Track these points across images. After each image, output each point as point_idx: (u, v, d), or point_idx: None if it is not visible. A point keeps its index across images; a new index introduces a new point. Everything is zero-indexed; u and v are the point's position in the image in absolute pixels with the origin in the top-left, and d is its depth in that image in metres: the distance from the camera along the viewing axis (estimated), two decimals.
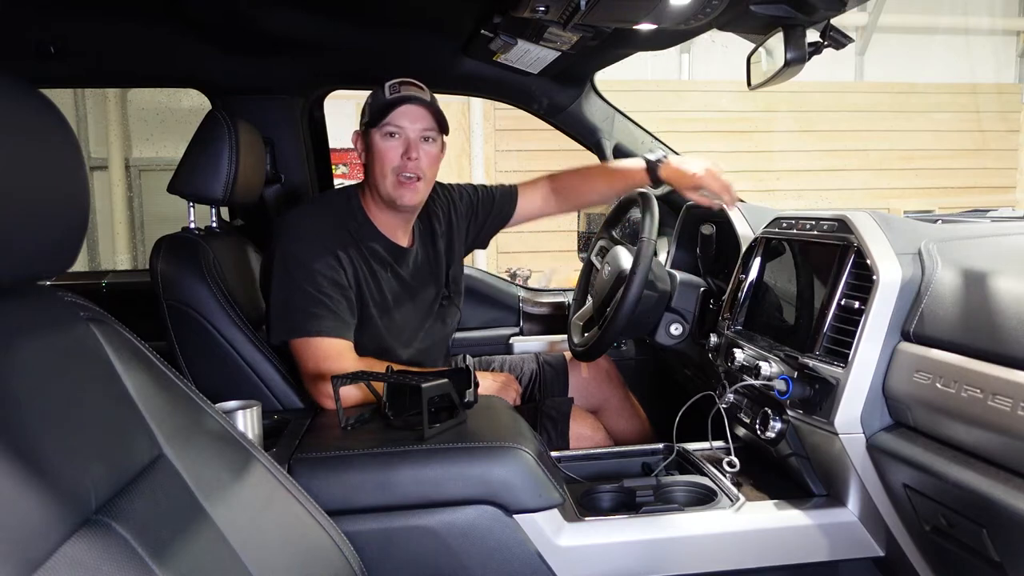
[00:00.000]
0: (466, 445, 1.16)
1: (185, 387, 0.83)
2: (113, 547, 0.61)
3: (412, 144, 1.48)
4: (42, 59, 1.68)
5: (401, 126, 1.48)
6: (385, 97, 1.48)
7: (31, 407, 0.62)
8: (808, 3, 1.16)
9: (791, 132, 5.59)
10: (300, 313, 1.41)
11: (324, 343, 1.40)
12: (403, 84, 1.50)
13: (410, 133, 1.48)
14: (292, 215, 1.51)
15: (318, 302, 1.41)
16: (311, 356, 1.40)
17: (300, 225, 1.48)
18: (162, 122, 4.82)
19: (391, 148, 1.48)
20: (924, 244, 1.11)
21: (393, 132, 1.48)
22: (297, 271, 1.42)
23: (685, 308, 1.58)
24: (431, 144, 1.51)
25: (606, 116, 1.99)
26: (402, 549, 1.11)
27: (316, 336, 1.40)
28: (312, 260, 1.43)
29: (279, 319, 1.43)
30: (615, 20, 1.29)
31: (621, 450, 1.51)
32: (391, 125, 1.47)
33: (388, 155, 1.48)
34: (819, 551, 1.20)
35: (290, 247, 1.44)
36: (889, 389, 1.06)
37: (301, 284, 1.41)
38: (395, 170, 1.48)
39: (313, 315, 1.40)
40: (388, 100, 1.47)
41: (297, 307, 1.41)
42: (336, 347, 1.40)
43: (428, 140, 1.50)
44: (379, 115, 1.47)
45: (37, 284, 0.73)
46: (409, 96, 1.48)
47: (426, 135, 1.50)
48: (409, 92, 1.49)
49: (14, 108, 0.63)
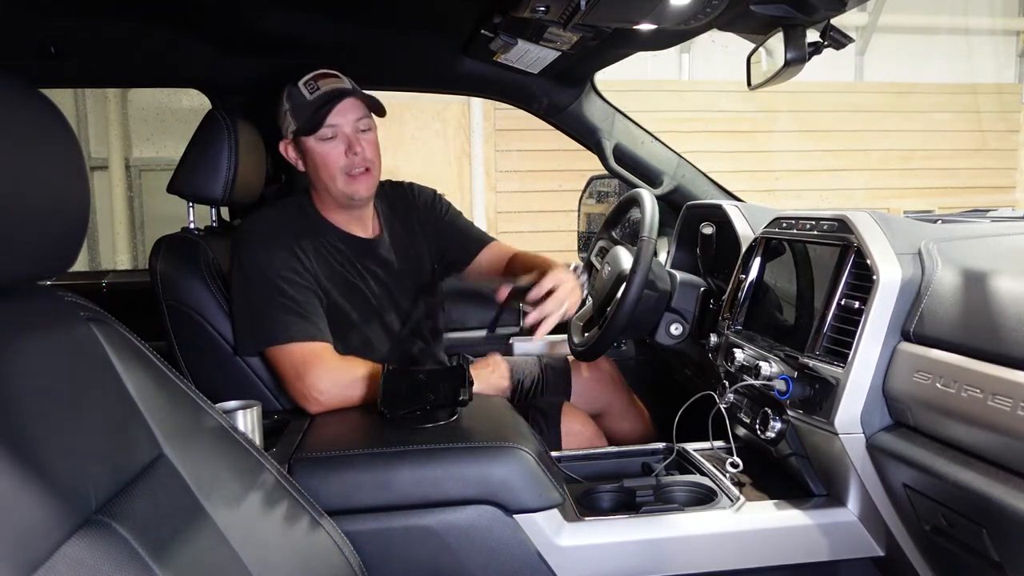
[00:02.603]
0: (466, 445, 1.16)
1: (185, 387, 0.83)
2: (113, 547, 0.61)
3: (352, 140, 1.45)
4: (42, 59, 1.67)
5: (336, 124, 1.43)
6: (307, 98, 1.42)
7: (31, 407, 0.62)
8: (808, 3, 1.15)
9: (791, 132, 5.59)
10: (267, 321, 1.36)
11: (299, 348, 1.35)
12: (320, 78, 1.45)
13: (346, 129, 1.44)
14: (245, 224, 1.47)
15: (285, 308, 1.36)
16: (288, 363, 1.35)
17: (253, 233, 1.43)
18: (162, 122, 4.82)
19: (332, 150, 1.44)
20: (924, 244, 1.11)
21: (330, 135, 1.44)
22: (258, 279, 1.38)
23: (685, 308, 1.58)
24: (369, 132, 1.48)
25: (606, 116, 1.99)
26: (402, 549, 1.11)
27: (289, 343, 1.35)
28: (272, 265, 1.38)
29: (247, 331, 1.39)
30: (615, 20, 1.29)
31: (621, 450, 1.51)
32: (326, 128, 1.42)
33: (331, 158, 1.44)
34: (819, 551, 1.20)
35: (246, 255, 1.39)
36: (889, 389, 1.06)
37: (264, 291, 1.37)
38: (343, 169, 1.45)
39: (281, 321, 1.35)
40: (313, 102, 1.41)
41: (263, 315, 1.36)
42: (312, 350, 1.35)
43: (366, 130, 1.47)
44: (310, 121, 1.41)
45: (37, 284, 0.73)
46: (335, 92, 1.42)
47: (362, 126, 1.47)
48: (331, 87, 1.43)
49: (14, 108, 0.63)
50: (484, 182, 5.21)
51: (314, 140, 1.45)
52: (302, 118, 1.44)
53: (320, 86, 1.44)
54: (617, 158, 2.01)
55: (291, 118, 1.46)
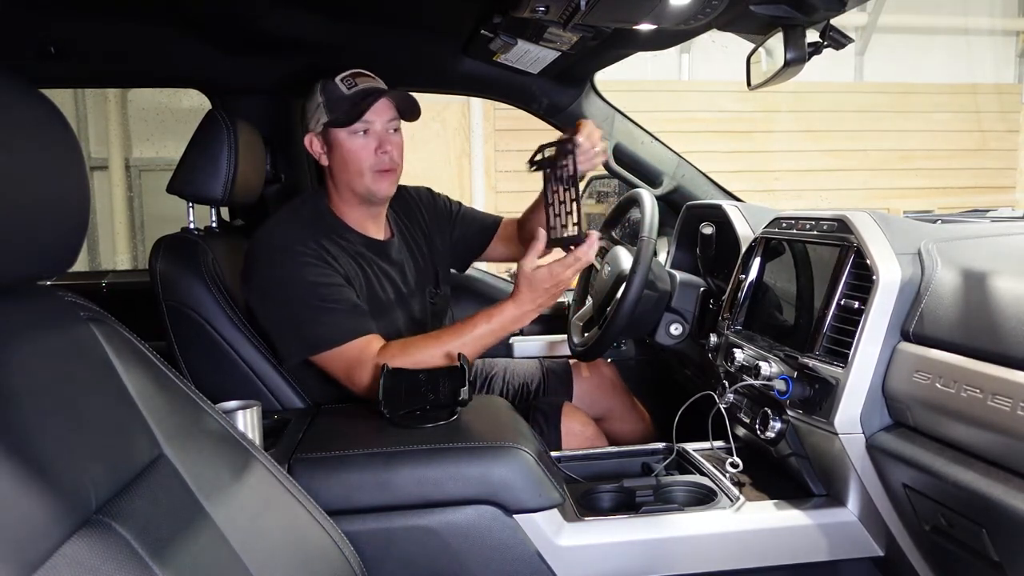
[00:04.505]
0: (466, 445, 1.16)
1: (185, 387, 0.83)
2: (113, 547, 0.61)
3: (383, 138, 1.48)
4: (42, 59, 1.67)
5: (370, 121, 1.46)
6: (344, 93, 1.45)
7: (31, 407, 0.62)
8: (808, 3, 1.16)
9: (791, 132, 5.59)
10: (311, 326, 1.37)
11: (347, 348, 1.37)
12: (357, 76, 1.48)
13: (379, 127, 1.47)
14: (261, 235, 1.46)
15: (325, 310, 1.37)
16: (340, 364, 1.38)
17: (272, 243, 1.44)
18: (162, 122, 4.82)
19: (364, 146, 1.47)
20: (924, 244, 1.11)
21: (362, 130, 1.46)
22: (291, 289, 1.38)
23: (685, 308, 1.58)
24: (397, 134, 1.51)
25: (606, 116, 1.99)
26: (402, 549, 1.11)
27: (338, 346, 1.37)
28: (301, 273, 1.39)
29: (292, 340, 1.39)
30: (615, 20, 1.29)
31: (621, 450, 1.51)
32: (360, 123, 1.45)
33: (362, 153, 1.47)
34: (819, 551, 1.20)
35: (272, 268, 1.40)
36: (889, 389, 1.06)
37: (301, 299, 1.38)
38: (371, 166, 1.47)
39: (326, 324, 1.37)
40: (351, 96, 1.45)
41: (306, 322, 1.38)
42: (360, 345, 1.37)
43: (395, 131, 1.51)
44: (348, 113, 1.44)
45: (37, 284, 0.73)
46: (372, 89, 1.46)
47: (393, 126, 1.50)
48: (369, 85, 1.47)
49: (14, 108, 0.63)
50: (484, 182, 5.22)
51: (346, 134, 1.47)
52: (339, 110, 1.45)
53: (358, 83, 1.47)
54: (617, 158, 2.01)
55: (324, 111, 1.47)
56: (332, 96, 1.46)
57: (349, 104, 1.44)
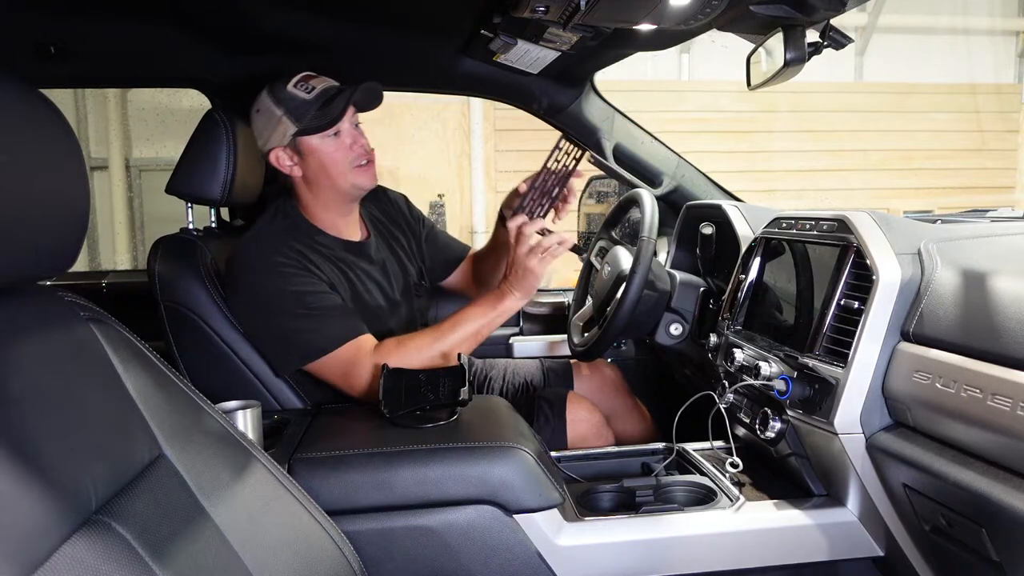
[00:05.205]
0: (466, 445, 1.16)
1: (185, 387, 0.83)
2: (113, 547, 0.61)
3: (353, 133, 1.50)
4: (42, 59, 1.67)
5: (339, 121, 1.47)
6: (307, 98, 1.44)
7: (31, 407, 0.62)
8: (808, 3, 1.15)
9: (791, 132, 5.59)
10: (301, 336, 1.37)
11: (340, 353, 1.37)
12: (309, 79, 1.47)
13: (346, 124, 1.49)
14: (239, 250, 1.43)
15: (313, 318, 1.37)
16: (336, 370, 1.39)
17: (251, 256, 1.42)
18: (162, 122, 4.82)
19: (339, 146, 1.47)
20: (924, 244, 1.11)
21: (333, 131, 1.46)
22: (277, 301, 1.38)
23: (685, 308, 1.58)
24: (360, 126, 1.53)
25: (606, 116, 1.99)
26: (402, 549, 1.11)
27: (330, 352, 1.37)
28: (284, 284, 1.38)
29: (284, 352, 1.39)
30: (615, 20, 1.29)
31: (621, 450, 1.51)
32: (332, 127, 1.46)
33: (339, 154, 1.47)
34: (819, 551, 1.20)
35: (255, 282, 1.39)
36: (889, 389, 1.06)
37: (288, 310, 1.37)
38: (352, 163, 1.48)
39: (315, 332, 1.37)
40: (314, 100, 1.44)
41: (295, 332, 1.37)
42: (353, 348, 1.38)
43: (358, 124, 1.53)
44: (317, 118, 1.44)
45: (37, 284, 0.73)
46: (333, 88, 1.47)
47: (355, 121, 1.52)
48: (328, 85, 1.47)
49: (14, 108, 0.63)
50: (484, 182, 5.22)
51: (319, 139, 1.46)
52: (306, 117, 1.44)
53: (314, 85, 1.46)
54: (617, 158, 2.01)
55: (290, 120, 1.45)
56: (293, 104, 1.44)
57: (316, 108, 1.44)
